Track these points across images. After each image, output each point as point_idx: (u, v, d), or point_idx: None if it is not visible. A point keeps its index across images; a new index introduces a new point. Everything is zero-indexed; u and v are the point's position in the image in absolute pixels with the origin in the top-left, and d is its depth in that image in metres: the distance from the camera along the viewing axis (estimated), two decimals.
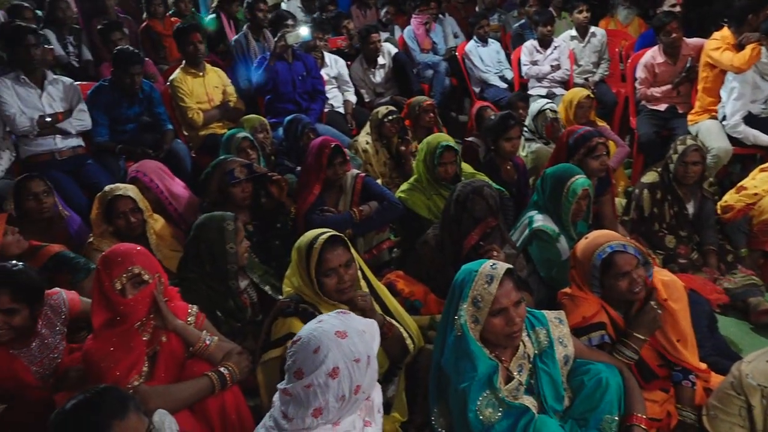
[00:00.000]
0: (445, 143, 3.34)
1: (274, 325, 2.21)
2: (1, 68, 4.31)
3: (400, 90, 5.59)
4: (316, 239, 2.17)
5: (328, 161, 3.22)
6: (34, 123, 3.78)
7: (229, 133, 3.68)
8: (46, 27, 5.35)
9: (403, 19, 6.96)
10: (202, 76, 4.56)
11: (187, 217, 3.36)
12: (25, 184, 3.08)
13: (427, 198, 3.37)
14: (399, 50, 5.78)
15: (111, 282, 1.98)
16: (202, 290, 2.47)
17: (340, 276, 2.16)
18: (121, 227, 2.94)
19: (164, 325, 2.07)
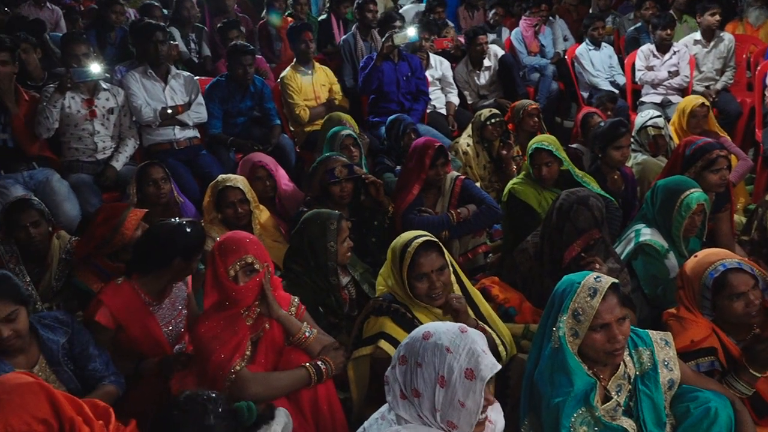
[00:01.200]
0: (535, 145, 3.30)
1: (366, 323, 2.25)
2: (130, 62, 4.71)
3: (504, 93, 5.52)
4: (411, 242, 2.19)
5: (431, 162, 3.24)
6: (157, 114, 4.07)
7: (333, 130, 3.79)
8: (172, 25, 5.74)
9: (511, 20, 6.85)
10: (311, 74, 4.73)
11: (290, 210, 3.50)
12: (147, 170, 3.33)
13: (538, 193, 3.33)
14: (506, 53, 5.70)
15: (225, 268, 2.10)
16: (306, 283, 2.54)
17: (432, 281, 2.17)
18: (229, 216, 3.12)
19: (268, 313, 2.17)
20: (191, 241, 2.45)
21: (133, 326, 2.38)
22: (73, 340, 2.17)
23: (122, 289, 2.40)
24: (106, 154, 3.93)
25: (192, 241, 2.45)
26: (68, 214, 3.50)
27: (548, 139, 3.39)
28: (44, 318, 2.16)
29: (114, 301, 2.36)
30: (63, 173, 3.78)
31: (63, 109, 3.74)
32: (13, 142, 3.72)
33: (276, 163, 3.65)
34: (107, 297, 2.37)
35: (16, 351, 2.03)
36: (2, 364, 1.99)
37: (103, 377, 2.21)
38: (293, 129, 4.80)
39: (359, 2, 5.49)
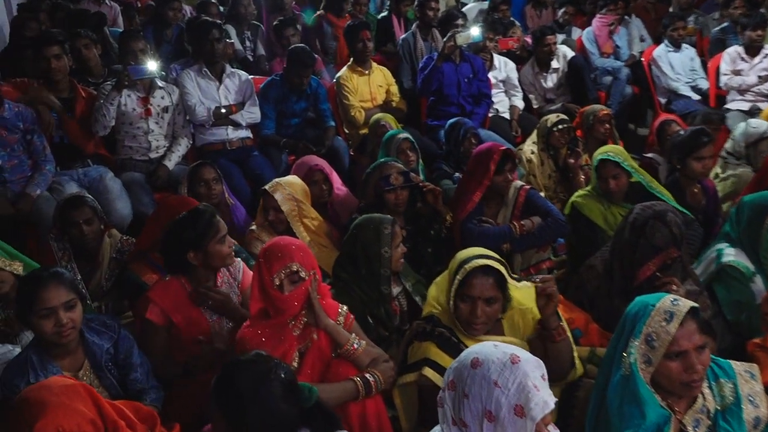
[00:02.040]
0: (601, 156, 3.23)
1: (410, 348, 2.24)
2: (185, 60, 4.87)
3: (573, 97, 5.41)
4: (470, 260, 2.15)
5: (497, 167, 3.20)
6: (211, 113, 4.19)
7: (390, 133, 3.80)
8: (228, 22, 5.90)
9: (582, 19, 6.72)
10: (368, 74, 4.77)
11: (342, 216, 3.52)
12: (199, 170, 3.42)
13: (604, 208, 3.25)
14: (576, 54, 5.59)
15: (270, 276, 2.13)
16: (355, 293, 2.56)
17: (476, 307, 2.13)
18: (267, 221, 3.18)
19: (316, 323, 2.19)
20: (193, 231, 2.44)
21: (181, 322, 2.45)
22: (118, 345, 2.23)
23: (170, 286, 2.49)
24: (159, 153, 4.06)
25: (193, 230, 2.44)
26: (120, 212, 3.63)
27: (615, 150, 3.30)
28: (91, 321, 2.24)
29: (162, 297, 2.44)
30: (116, 171, 3.93)
31: (119, 106, 3.89)
32: (69, 140, 3.89)
33: (330, 167, 3.68)
34: (155, 294, 2.46)
35: (66, 349, 2.12)
36: (50, 365, 2.07)
37: (143, 390, 2.26)
38: (348, 131, 4.85)
39: (420, 0, 5.50)
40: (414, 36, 5.41)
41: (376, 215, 2.69)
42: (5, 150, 3.56)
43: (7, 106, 3.53)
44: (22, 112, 3.59)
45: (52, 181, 3.67)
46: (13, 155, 3.60)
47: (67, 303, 2.06)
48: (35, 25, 5.12)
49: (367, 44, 4.73)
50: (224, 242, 2.49)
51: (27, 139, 3.63)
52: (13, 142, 3.58)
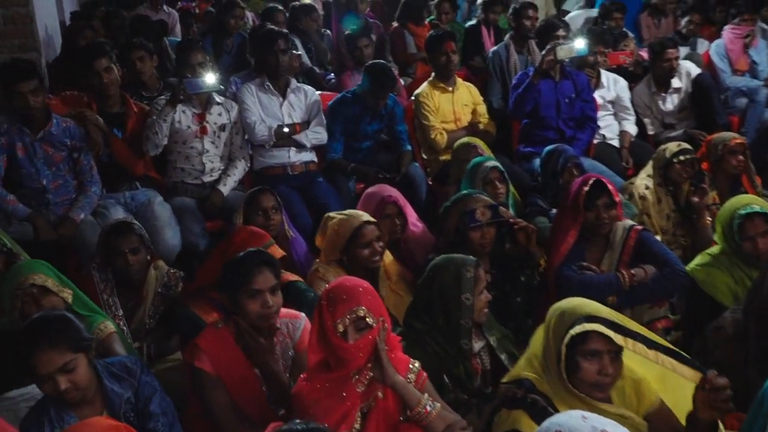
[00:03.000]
0: (749, 209, 3.05)
1: (497, 417, 2.18)
2: (246, 73, 5.06)
3: (697, 122, 5.26)
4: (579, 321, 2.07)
5: (585, 201, 3.16)
6: (272, 133, 4.34)
7: (476, 160, 3.80)
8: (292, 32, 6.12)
9: (710, 30, 6.58)
10: (452, 91, 4.82)
11: (417, 256, 3.54)
12: (257, 197, 3.53)
13: (734, 280, 3.07)
14: (702, 71, 5.45)
15: (333, 322, 2.16)
16: (429, 347, 2.55)
17: (605, 364, 2.04)
18: (364, 258, 3.17)
19: (382, 379, 2.19)
20: (225, 277, 2.51)
21: (230, 379, 2.47)
22: (138, 393, 2.29)
23: (221, 335, 2.51)
24: (213, 177, 4.23)
25: (226, 276, 2.51)
26: (168, 242, 3.77)
27: (757, 201, 3.12)
28: (112, 365, 2.31)
29: (211, 346, 2.48)
30: (166, 195, 4.11)
31: (173, 123, 4.09)
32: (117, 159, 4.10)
33: (405, 199, 3.71)
34: (204, 342, 2.49)
35: (80, 402, 2.18)
36: (67, 416, 2.15)
37: None
38: (426, 156, 4.89)
39: (516, 7, 5.54)
40: (507, 48, 5.44)
41: (457, 256, 2.68)
42: (50, 169, 3.80)
43: (54, 121, 3.77)
44: (70, 129, 3.82)
45: (97, 205, 3.87)
46: (58, 175, 3.83)
47: (64, 367, 2.09)
48: (90, 33, 5.49)
49: (451, 57, 4.78)
50: (257, 297, 2.44)
51: (74, 157, 3.85)
52: (59, 160, 3.81)
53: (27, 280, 2.63)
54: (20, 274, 2.69)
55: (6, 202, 3.65)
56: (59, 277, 2.75)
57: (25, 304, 2.62)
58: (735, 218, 3.06)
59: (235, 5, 6.21)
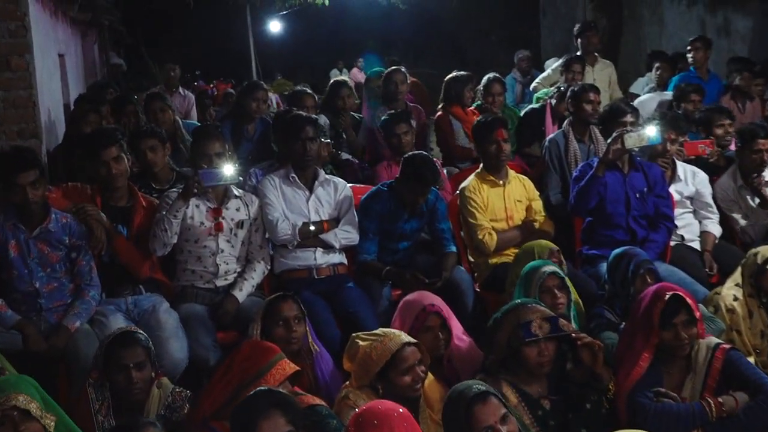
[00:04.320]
0: None
1: None
2: (269, 163, 5.21)
3: None
4: None
5: (662, 319, 3.16)
6: (296, 231, 4.43)
7: (531, 264, 3.83)
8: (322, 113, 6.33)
9: None
10: (503, 185, 4.90)
11: (462, 375, 3.51)
12: (277, 305, 3.59)
13: None
14: None
15: None
16: None
17: None
18: (402, 386, 3.16)
19: None
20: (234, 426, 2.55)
21: None
22: None
23: None
24: (227, 281, 4.33)
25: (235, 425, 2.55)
26: (174, 355, 3.82)
27: None
28: None
29: None
30: (173, 302, 4.20)
31: (184, 219, 4.23)
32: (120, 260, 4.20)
33: (449, 308, 3.74)
34: None
35: None
36: None
37: None
38: (473, 260, 4.93)
39: (574, 90, 5.69)
40: (565, 136, 5.54)
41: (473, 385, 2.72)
42: (45, 270, 3.93)
43: (53, 216, 3.93)
44: (70, 225, 3.97)
45: (95, 312, 3.96)
46: (53, 277, 3.96)
47: None
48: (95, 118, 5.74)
49: (502, 146, 4.85)
50: None
51: (71, 257, 3.99)
52: (55, 260, 3.96)
53: (9, 400, 2.67)
54: (2, 392, 2.71)
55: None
56: (44, 400, 2.79)
57: (2, 426, 2.67)
58: None
59: (257, 87, 6.45)
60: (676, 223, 4.98)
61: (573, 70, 7.14)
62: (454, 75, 6.86)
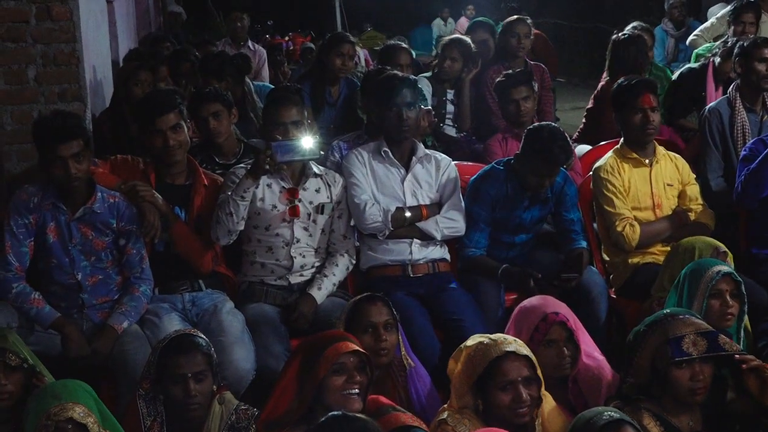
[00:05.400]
0: None
1: None
2: (356, 134, 5.24)
3: None
4: None
5: None
6: (388, 218, 4.46)
7: (700, 261, 3.80)
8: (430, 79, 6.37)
9: None
10: (649, 165, 4.84)
11: (592, 400, 3.50)
12: (364, 308, 3.62)
13: None
14: None
15: None
16: None
17: None
18: (501, 406, 3.18)
19: None
20: None
21: None
22: None
23: None
24: (304, 277, 4.41)
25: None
26: (239, 365, 3.89)
27: None
28: None
29: None
30: (239, 301, 4.29)
31: (254, 201, 4.30)
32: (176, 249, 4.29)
33: (576, 318, 3.71)
34: None
35: None
36: None
37: None
38: (609, 258, 4.89)
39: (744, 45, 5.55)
40: (731, 104, 5.41)
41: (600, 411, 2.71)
42: (88, 259, 4.07)
43: (99, 195, 4.03)
44: (118, 206, 4.08)
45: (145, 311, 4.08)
46: (98, 267, 4.10)
47: None
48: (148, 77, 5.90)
49: (649, 116, 4.78)
50: None
51: (119, 245, 4.11)
52: (101, 248, 4.08)
53: (65, 411, 2.79)
54: (57, 399, 2.84)
55: (29, 302, 3.91)
56: (102, 414, 2.90)
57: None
58: None
59: (343, 40, 6.53)
60: None
61: (743, 21, 6.98)
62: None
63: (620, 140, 4.99)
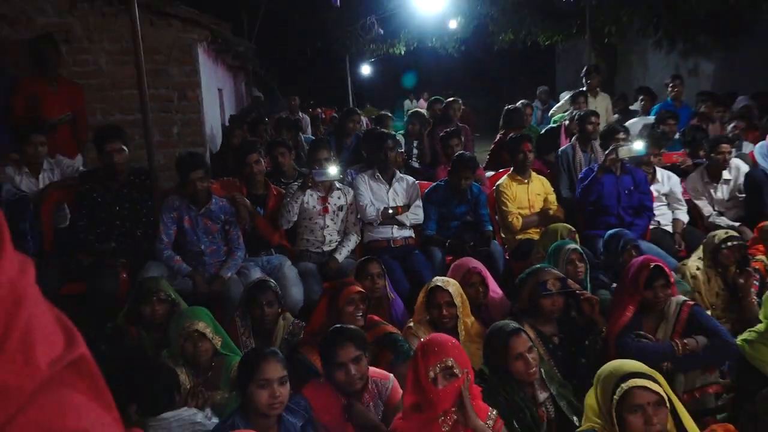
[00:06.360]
0: None
1: None
2: (361, 166, 5.24)
3: (746, 211, 5.00)
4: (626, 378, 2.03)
5: (646, 282, 3.04)
6: (379, 213, 4.44)
7: (557, 243, 3.75)
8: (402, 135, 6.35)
9: (754, 134, 6.30)
10: (527, 183, 4.81)
11: (496, 319, 3.46)
12: (366, 264, 3.60)
13: None
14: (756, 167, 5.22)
15: (426, 369, 2.16)
16: (501, 396, 2.50)
17: (649, 417, 1.97)
18: (434, 316, 3.20)
19: (465, 422, 2.16)
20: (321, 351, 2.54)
21: (330, 423, 2.44)
22: (307, 425, 2.32)
23: (322, 388, 2.52)
24: (331, 247, 4.35)
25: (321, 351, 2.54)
26: (294, 297, 3.87)
27: None
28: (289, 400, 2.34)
29: (314, 398, 2.47)
30: (293, 261, 4.25)
31: (302, 204, 4.27)
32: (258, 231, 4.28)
33: (486, 270, 3.69)
34: (309, 393, 2.50)
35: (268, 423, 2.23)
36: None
37: None
38: (504, 236, 4.86)
39: (580, 114, 5.53)
40: (573, 148, 5.41)
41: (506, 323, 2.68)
42: (207, 237, 4.01)
43: (213, 200, 4.01)
44: (225, 207, 4.05)
45: (241, 266, 4.04)
46: (213, 242, 4.04)
47: (281, 378, 2.23)
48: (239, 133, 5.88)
49: (527, 155, 4.78)
50: (341, 368, 2.42)
51: (225, 229, 4.06)
52: (215, 231, 4.04)
53: (192, 325, 2.77)
54: (188, 318, 2.83)
55: (174, 261, 3.89)
56: (215, 325, 2.88)
57: (186, 343, 2.77)
58: None
59: (353, 113, 6.55)
60: (655, 212, 4.81)
61: (579, 101, 6.95)
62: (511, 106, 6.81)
63: (511, 169, 4.94)
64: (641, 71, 12.52)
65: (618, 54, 12.25)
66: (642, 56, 12.40)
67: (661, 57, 11.38)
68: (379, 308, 3.56)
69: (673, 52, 10.80)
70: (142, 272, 3.74)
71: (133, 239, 4.02)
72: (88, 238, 3.95)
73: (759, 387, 2.55)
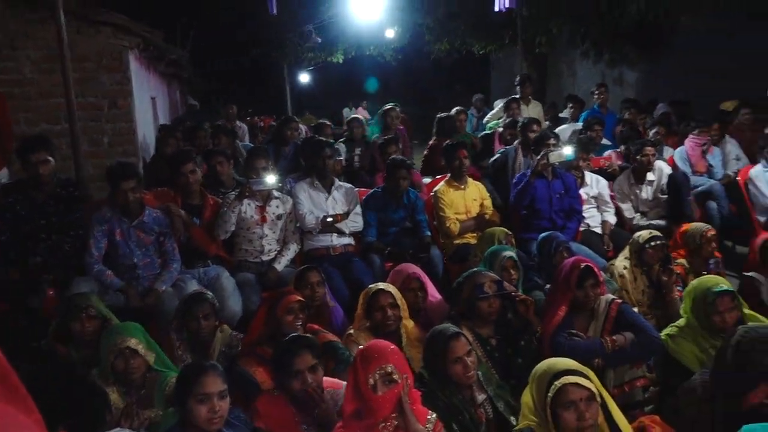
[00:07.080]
0: (719, 287, 2.96)
1: None
2: (299, 174, 5.18)
3: (668, 212, 5.23)
4: (559, 375, 2.08)
5: (578, 282, 3.13)
6: (318, 222, 4.40)
7: (493, 248, 3.81)
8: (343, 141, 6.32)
9: (673, 139, 6.62)
10: (463, 188, 4.87)
11: (435, 322, 3.47)
12: (305, 273, 3.56)
13: (699, 350, 2.98)
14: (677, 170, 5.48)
15: (365, 376, 2.15)
16: (440, 399, 2.51)
17: (582, 412, 2.03)
18: (378, 320, 3.18)
19: (406, 427, 2.15)
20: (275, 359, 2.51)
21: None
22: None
23: (277, 401, 2.47)
24: (270, 256, 4.28)
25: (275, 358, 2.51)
26: (232, 309, 3.79)
27: (723, 281, 3.06)
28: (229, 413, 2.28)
29: (268, 411, 2.43)
30: (232, 271, 4.15)
31: (239, 213, 4.19)
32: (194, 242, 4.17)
33: (425, 275, 3.71)
34: (262, 405, 2.46)
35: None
36: None
37: None
38: (443, 241, 4.90)
39: (524, 121, 5.69)
40: (515, 151, 5.53)
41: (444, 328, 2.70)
42: (141, 250, 3.88)
43: (147, 211, 3.88)
44: (158, 218, 3.93)
45: (176, 279, 3.92)
46: (147, 254, 3.90)
47: (221, 392, 2.17)
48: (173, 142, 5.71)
49: (463, 162, 4.84)
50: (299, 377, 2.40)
51: (160, 241, 3.94)
52: (148, 243, 3.90)
53: (124, 342, 2.67)
54: (119, 335, 2.72)
55: (105, 276, 3.73)
56: (148, 341, 2.78)
57: (117, 360, 2.66)
58: (708, 295, 2.96)
59: (291, 120, 6.49)
60: (584, 215, 4.97)
61: (512, 108, 7.13)
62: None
63: (448, 175, 5.00)
64: (570, 80, 12.97)
65: (548, 63, 12.67)
66: (571, 66, 12.85)
67: (589, 66, 11.81)
68: (320, 317, 3.52)
69: (599, 62, 11.21)
70: (70, 288, 3.58)
71: (61, 253, 3.84)
72: (10, 254, 3.74)
73: (681, 380, 2.65)
